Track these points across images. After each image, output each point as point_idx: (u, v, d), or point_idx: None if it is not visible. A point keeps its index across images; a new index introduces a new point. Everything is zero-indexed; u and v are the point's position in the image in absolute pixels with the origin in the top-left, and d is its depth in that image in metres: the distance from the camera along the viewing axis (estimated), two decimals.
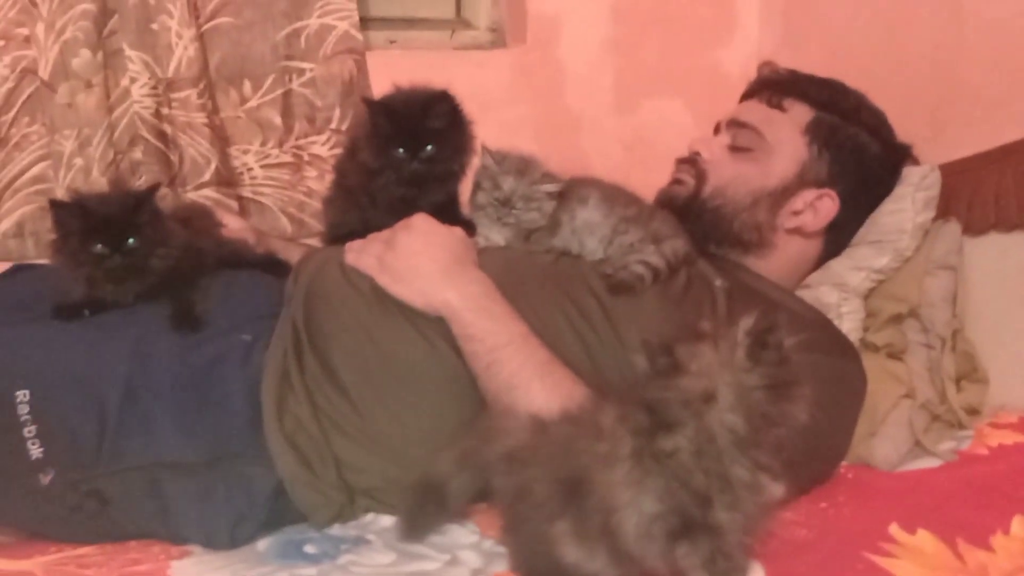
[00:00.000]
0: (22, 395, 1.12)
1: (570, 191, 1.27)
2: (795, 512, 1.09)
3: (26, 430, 1.11)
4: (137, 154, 1.59)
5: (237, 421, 1.16)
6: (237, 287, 1.28)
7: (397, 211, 1.25)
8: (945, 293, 1.41)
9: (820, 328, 1.26)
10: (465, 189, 1.31)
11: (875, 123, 1.43)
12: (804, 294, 1.39)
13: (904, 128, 1.46)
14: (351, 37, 1.68)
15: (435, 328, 1.16)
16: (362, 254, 1.23)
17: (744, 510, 0.85)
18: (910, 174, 1.43)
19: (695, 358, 0.85)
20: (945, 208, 1.45)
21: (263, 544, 1.11)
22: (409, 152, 1.24)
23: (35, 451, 1.11)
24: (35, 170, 1.57)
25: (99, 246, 1.16)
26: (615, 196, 1.29)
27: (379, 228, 1.24)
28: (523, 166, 1.26)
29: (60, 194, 1.52)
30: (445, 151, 1.25)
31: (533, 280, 1.20)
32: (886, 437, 1.26)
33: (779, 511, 1.08)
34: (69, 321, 1.20)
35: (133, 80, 1.57)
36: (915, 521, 1.05)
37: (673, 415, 0.84)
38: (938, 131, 1.55)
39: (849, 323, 1.36)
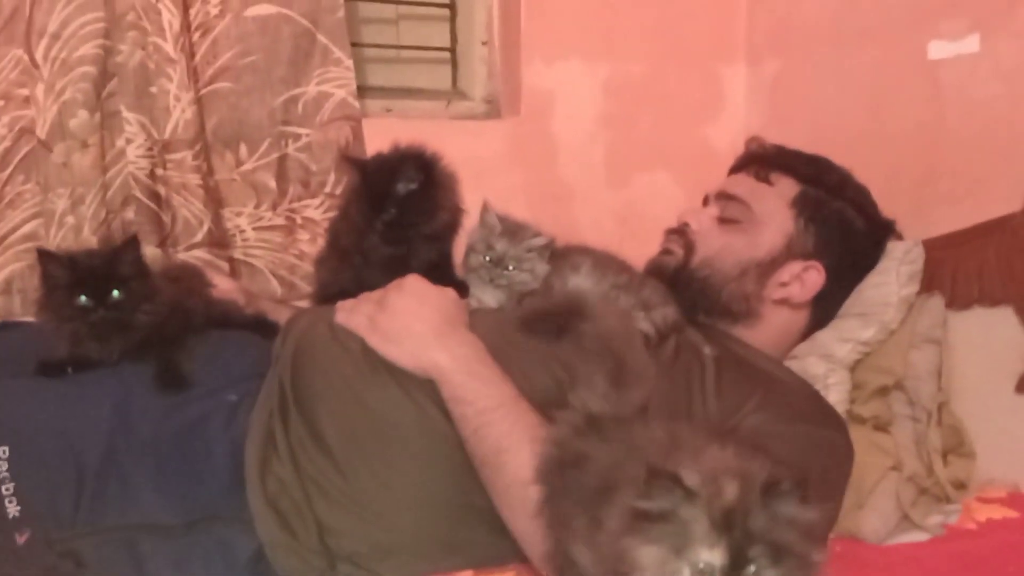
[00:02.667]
0: (1, 451, 1.10)
1: (563, 257, 1.29)
2: None
3: (3, 487, 1.10)
4: (129, 214, 1.60)
5: (218, 483, 1.15)
6: (224, 347, 1.28)
7: (390, 270, 1.25)
8: (930, 366, 1.42)
9: (808, 398, 1.26)
10: (459, 250, 1.32)
11: (860, 198, 1.46)
12: (792, 364, 1.39)
13: (888, 204, 1.48)
14: (348, 105, 1.71)
15: (424, 390, 1.16)
16: (353, 313, 1.23)
17: None
18: (894, 248, 1.45)
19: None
20: (929, 282, 1.46)
21: None
22: (374, 212, 1.24)
23: (12, 509, 1.09)
24: (27, 228, 1.57)
25: (83, 298, 1.16)
26: (607, 263, 1.31)
27: (371, 288, 1.24)
28: (515, 229, 1.28)
29: None
30: (413, 214, 1.24)
31: (524, 344, 1.20)
32: (873, 509, 1.26)
33: None
34: (52, 378, 1.19)
35: (129, 141, 1.58)
36: None
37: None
38: (921, 207, 1.58)
39: (836, 394, 1.36)
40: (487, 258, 1.25)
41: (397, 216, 1.24)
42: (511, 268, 1.25)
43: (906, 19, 1.64)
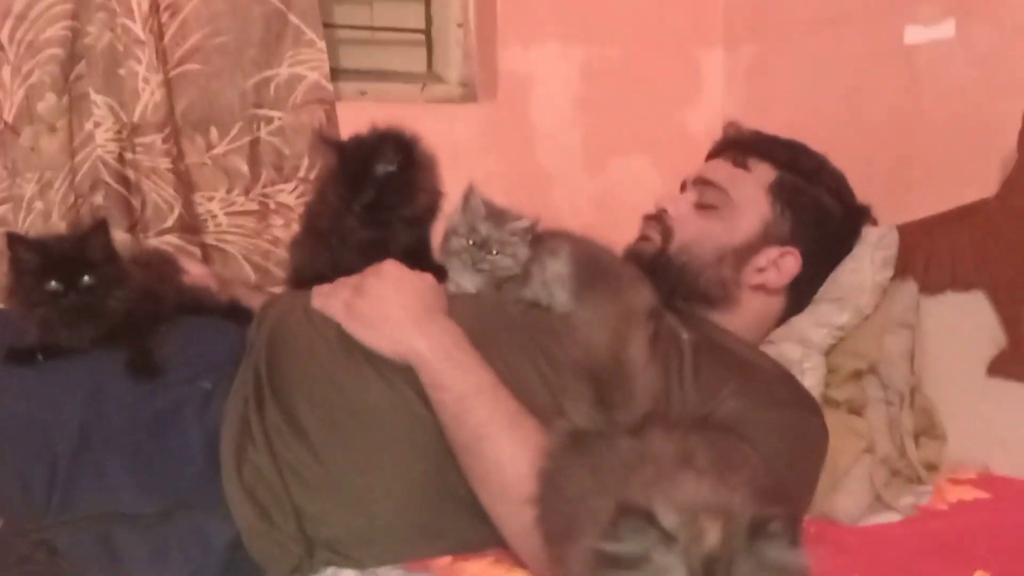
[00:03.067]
0: None
1: (541, 243, 1.28)
2: None
3: None
4: (99, 199, 1.57)
5: (194, 471, 1.14)
6: (198, 334, 1.26)
7: (367, 254, 1.23)
8: (903, 350, 1.43)
9: (784, 383, 1.27)
10: (437, 234, 1.31)
11: (836, 184, 1.46)
12: (768, 349, 1.40)
13: (863, 189, 1.49)
14: (321, 87, 1.68)
15: (402, 376, 1.15)
16: (330, 299, 1.21)
17: None
18: (869, 234, 1.47)
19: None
20: (903, 267, 1.48)
21: None
22: (352, 196, 1.22)
23: None
24: None
25: (53, 283, 1.14)
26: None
27: (348, 272, 1.23)
28: (499, 213, 1.27)
29: None
30: (392, 196, 1.22)
31: (503, 329, 1.19)
32: (847, 491, 1.27)
33: None
34: (22, 366, 1.17)
35: (98, 124, 1.55)
36: (877, 575, 1.05)
37: None
38: (896, 193, 1.59)
39: (811, 379, 1.37)
40: (470, 241, 1.24)
41: (375, 198, 1.22)
42: (494, 252, 1.24)
43: (883, 4, 1.65)
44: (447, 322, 1.18)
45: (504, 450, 1.05)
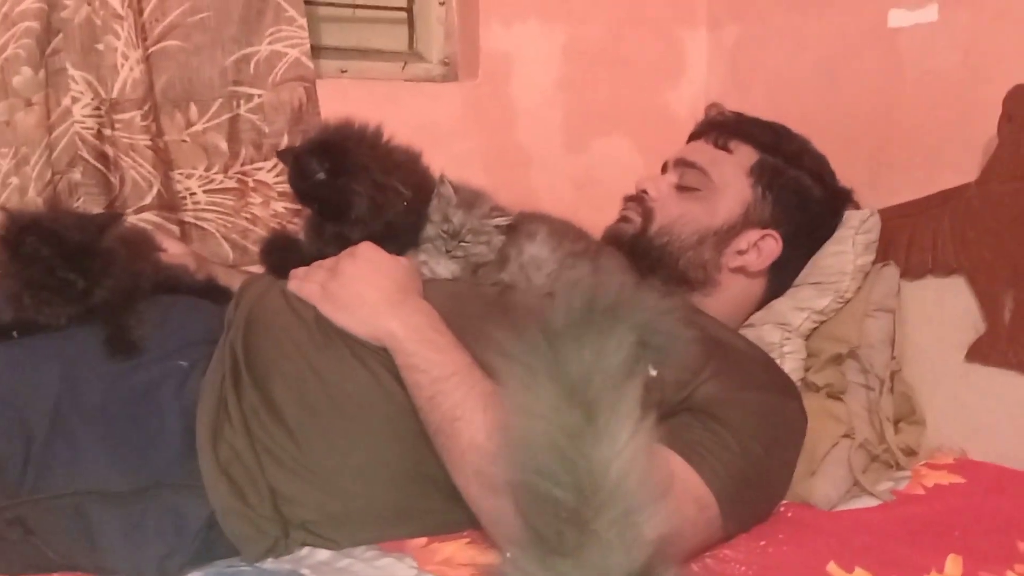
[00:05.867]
0: None
1: (518, 226, 1.27)
2: (735, 550, 1.09)
3: None
4: (76, 175, 1.55)
5: (169, 449, 1.13)
6: (175, 312, 1.25)
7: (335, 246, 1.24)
8: (884, 335, 1.44)
9: (763, 366, 1.27)
10: None
11: (817, 167, 1.46)
12: (748, 333, 1.40)
13: (845, 173, 1.49)
14: (302, 65, 1.66)
15: (378, 359, 1.14)
16: (305, 281, 1.21)
17: None
18: (851, 218, 1.46)
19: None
20: (884, 251, 1.48)
21: None
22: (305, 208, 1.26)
23: None
24: None
25: (74, 277, 1.12)
26: (563, 231, 1.30)
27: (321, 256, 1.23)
28: (473, 199, 1.26)
29: None
30: (330, 204, 1.23)
31: (478, 312, 1.19)
32: (825, 476, 1.27)
33: (719, 549, 1.09)
34: None
35: (75, 100, 1.53)
36: (853, 559, 1.06)
37: None
38: (878, 176, 1.59)
39: (791, 363, 1.37)
40: (444, 229, 1.23)
41: (319, 208, 1.24)
42: (468, 240, 1.23)
43: None
44: (422, 303, 1.17)
45: (479, 431, 1.05)
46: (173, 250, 1.39)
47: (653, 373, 0.86)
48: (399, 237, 1.26)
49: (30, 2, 1.48)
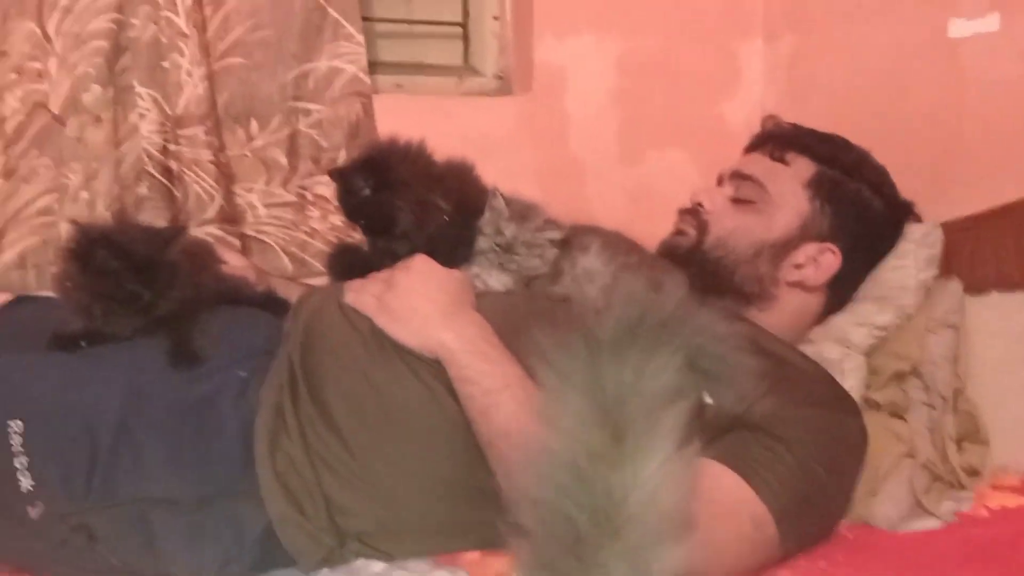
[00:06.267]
0: (15, 425, 1.11)
1: (571, 239, 1.27)
2: (793, 571, 1.08)
3: (17, 461, 1.10)
4: (142, 189, 1.59)
5: (229, 459, 1.15)
6: (235, 324, 1.28)
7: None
8: (947, 352, 1.40)
9: (822, 383, 1.25)
10: None
11: (877, 179, 1.44)
12: (807, 349, 1.38)
13: (906, 185, 1.47)
14: (359, 80, 1.69)
15: (432, 371, 1.15)
16: (361, 293, 1.22)
17: None
18: (912, 231, 1.44)
19: None
20: (947, 266, 1.45)
21: None
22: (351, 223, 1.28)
23: (25, 483, 1.10)
24: (40, 202, 1.56)
25: (141, 290, 1.15)
26: (616, 244, 1.29)
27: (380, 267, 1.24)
28: (526, 212, 1.26)
29: (64, 228, 1.52)
30: (376, 220, 1.25)
31: (531, 325, 1.19)
32: (886, 496, 1.25)
33: (777, 570, 1.07)
34: (65, 352, 1.19)
35: (142, 116, 1.57)
36: None
37: None
38: (940, 189, 1.55)
39: (851, 380, 1.34)
40: (496, 242, 1.24)
41: (365, 224, 1.26)
42: (521, 253, 1.24)
43: None
44: (475, 316, 1.18)
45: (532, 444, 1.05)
46: (234, 263, 1.42)
47: (709, 401, 0.83)
48: (450, 250, 1.28)
49: (99, 22, 1.53)
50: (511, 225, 1.25)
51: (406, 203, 1.24)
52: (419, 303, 1.17)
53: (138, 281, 1.15)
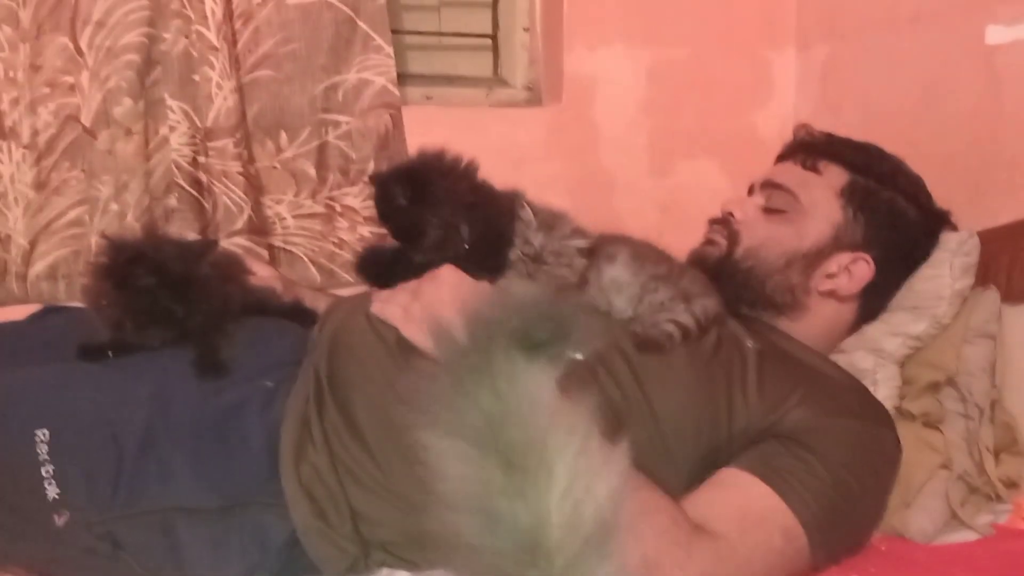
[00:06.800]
0: (41, 434, 1.11)
1: (599, 248, 1.26)
2: None
3: (44, 470, 1.10)
4: (172, 201, 1.61)
5: (254, 468, 1.15)
6: (262, 334, 1.28)
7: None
8: (984, 362, 1.37)
9: (854, 393, 1.23)
10: None
11: (912, 188, 1.41)
12: (839, 359, 1.35)
13: (942, 194, 1.44)
14: (388, 92, 1.70)
15: None
16: (388, 303, 1.22)
17: None
18: (948, 240, 1.41)
19: None
20: (984, 275, 1.42)
21: None
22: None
23: (51, 491, 1.10)
24: (71, 214, 1.59)
25: (175, 305, 1.16)
26: (645, 254, 1.28)
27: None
28: (553, 221, 1.25)
29: (94, 240, 1.54)
30: (409, 229, 1.24)
31: None
32: (921, 508, 1.22)
33: None
34: (93, 362, 1.20)
35: (172, 129, 1.59)
36: None
37: None
38: (976, 198, 1.53)
39: (885, 390, 1.32)
40: (525, 252, 1.23)
41: (396, 232, 1.25)
42: (550, 262, 1.23)
43: (962, 2, 1.59)
44: None
45: None
46: (262, 273, 1.42)
47: (579, 357, 0.77)
48: (481, 262, 1.27)
49: (132, 36, 1.55)
50: (539, 235, 1.24)
51: (438, 220, 1.24)
52: (445, 313, 1.17)
53: (173, 297, 1.16)
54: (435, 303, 1.18)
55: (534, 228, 1.24)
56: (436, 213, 1.23)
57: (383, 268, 1.28)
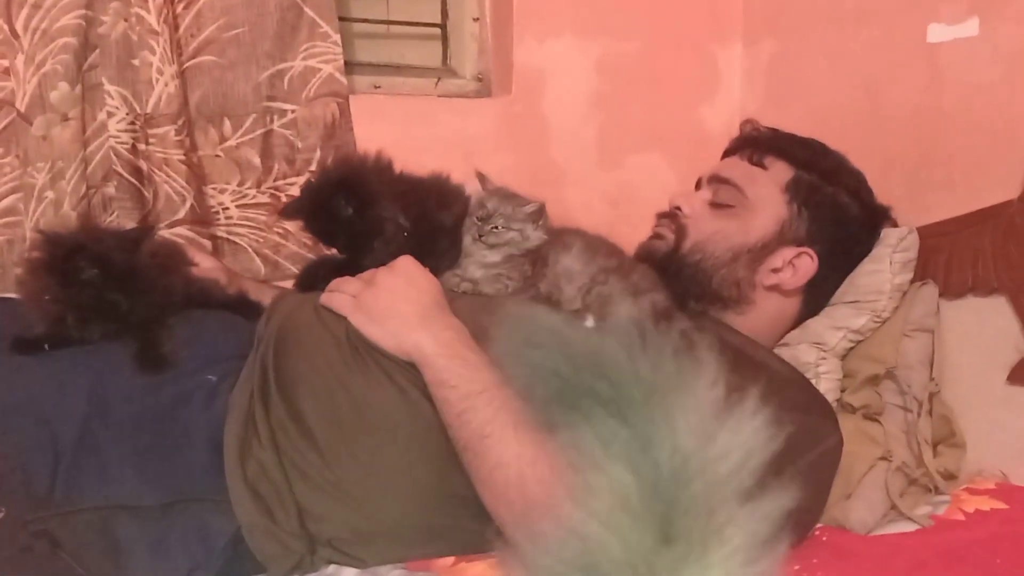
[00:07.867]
0: None
1: (554, 237, 1.27)
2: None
3: None
4: (110, 189, 1.56)
5: (197, 465, 1.13)
6: (205, 327, 1.26)
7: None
8: (922, 355, 1.40)
9: (797, 386, 1.25)
10: None
11: (854, 184, 1.44)
12: (782, 352, 1.38)
13: (883, 190, 1.47)
14: (335, 80, 1.67)
15: (408, 376, 1.13)
16: (337, 293, 1.21)
17: None
18: (888, 236, 1.44)
19: None
20: (923, 270, 1.45)
21: None
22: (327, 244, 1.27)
23: None
24: (6, 202, 1.53)
25: (119, 298, 1.14)
26: (597, 246, 1.29)
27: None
28: (507, 193, 1.28)
29: (29, 229, 1.49)
30: (360, 236, 1.24)
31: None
32: (862, 499, 1.24)
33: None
34: (28, 355, 1.16)
35: (111, 115, 1.54)
36: None
37: None
38: (916, 194, 1.56)
39: (827, 383, 1.35)
40: (477, 216, 1.25)
41: (347, 241, 1.25)
42: (499, 226, 1.23)
43: (905, 1, 1.61)
44: (454, 320, 1.16)
45: (508, 449, 1.04)
46: (205, 264, 1.39)
47: (590, 324, 0.74)
48: (437, 252, 1.27)
49: (68, 18, 1.50)
50: (493, 198, 1.25)
51: (389, 215, 1.24)
52: (398, 304, 1.16)
53: (117, 289, 1.13)
54: (388, 292, 1.17)
55: (489, 193, 1.25)
56: (383, 210, 1.22)
57: (331, 279, 1.27)
